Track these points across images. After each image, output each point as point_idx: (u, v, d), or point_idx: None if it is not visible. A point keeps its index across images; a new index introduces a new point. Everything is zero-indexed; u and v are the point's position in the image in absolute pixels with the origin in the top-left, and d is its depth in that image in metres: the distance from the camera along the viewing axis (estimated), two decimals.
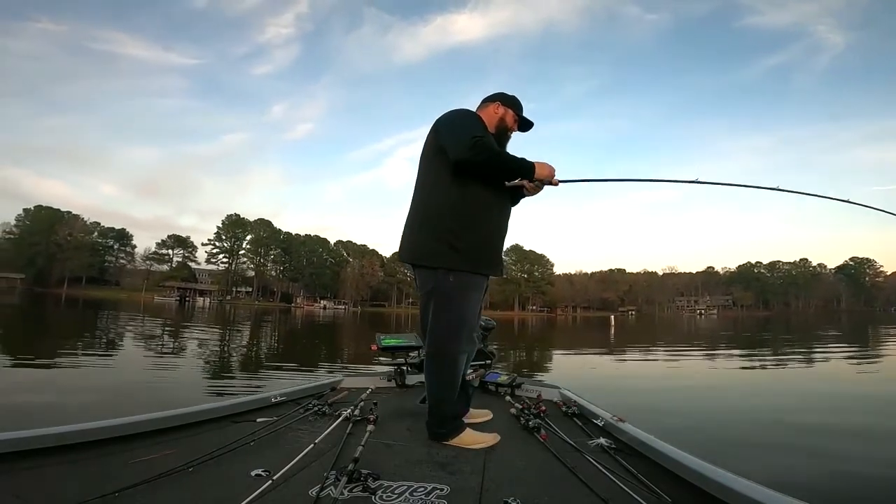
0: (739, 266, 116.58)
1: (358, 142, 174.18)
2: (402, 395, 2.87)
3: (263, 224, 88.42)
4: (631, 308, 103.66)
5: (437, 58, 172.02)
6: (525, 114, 2.20)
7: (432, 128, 2.02)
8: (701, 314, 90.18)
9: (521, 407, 2.40)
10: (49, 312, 21.90)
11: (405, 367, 3.12)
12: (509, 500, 1.32)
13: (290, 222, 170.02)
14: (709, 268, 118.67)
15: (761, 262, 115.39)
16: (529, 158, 1.99)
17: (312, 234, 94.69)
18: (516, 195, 2.16)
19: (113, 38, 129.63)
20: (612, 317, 47.79)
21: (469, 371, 2.82)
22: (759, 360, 10.53)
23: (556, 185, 2.08)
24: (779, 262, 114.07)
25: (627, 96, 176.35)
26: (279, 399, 2.49)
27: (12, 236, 75.99)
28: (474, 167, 1.87)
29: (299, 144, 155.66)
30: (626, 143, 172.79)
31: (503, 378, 2.97)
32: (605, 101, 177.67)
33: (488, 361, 3.27)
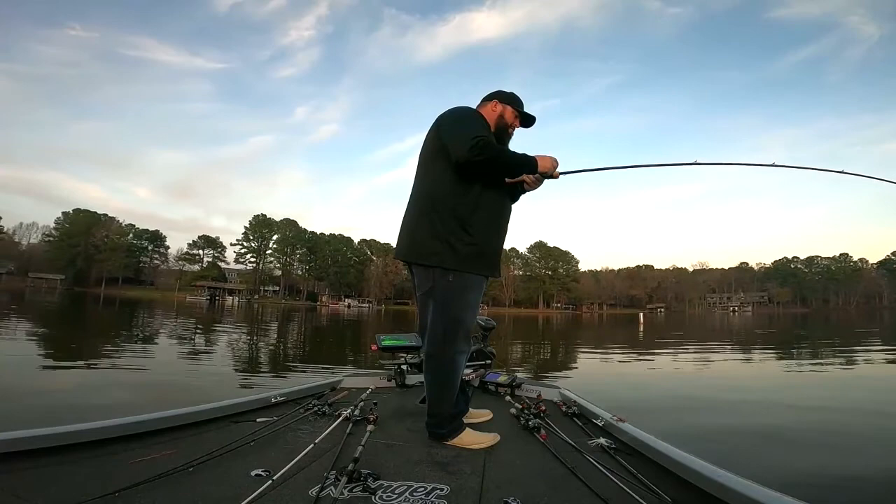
0: (775, 261, 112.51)
1: (380, 141, 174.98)
2: (402, 395, 2.87)
3: (289, 224, 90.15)
4: (660, 305, 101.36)
5: (456, 56, 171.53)
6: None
7: (434, 124, 2.00)
8: (734, 311, 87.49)
9: (521, 407, 2.38)
10: (88, 311, 22.85)
11: (405, 367, 3.12)
12: (509, 500, 1.31)
13: (315, 222, 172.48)
14: (742, 263, 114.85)
15: (798, 257, 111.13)
16: (542, 153, 1.98)
17: (337, 234, 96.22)
18: (516, 192, 2.14)
19: (142, 43, 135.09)
20: (641, 314, 46.78)
21: (469, 371, 2.80)
22: (791, 361, 10.22)
23: (556, 177, 2.06)
24: (817, 256, 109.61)
25: (652, 91, 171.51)
26: (279, 399, 2.50)
27: (52, 239, 79.76)
28: (476, 167, 1.84)
29: (323, 145, 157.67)
30: (652, 139, 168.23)
31: (503, 378, 2.95)
32: (628, 96, 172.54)
33: (488, 361, 3.27)
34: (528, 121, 2.18)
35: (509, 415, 2.35)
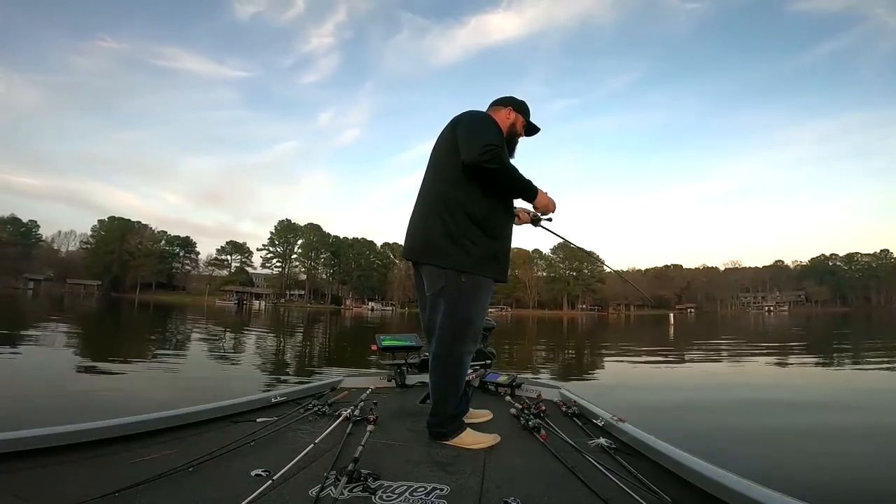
0: (812, 259, 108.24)
1: (402, 144, 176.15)
2: (402, 395, 2.86)
3: (313, 228, 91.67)
4: (689, 305, 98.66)
5: (475, 58, 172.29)
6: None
7: (450, 123, 2.01)
8: (770, 311, 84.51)
9: (521, 407, 2.37)
10: (124, 316, 23.65)
11: (405, 367, 3.12)
12: (509, 500, 1.31)
13: (339, 226, 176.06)
14: (777, 261, 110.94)
15: (837, 255, 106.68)
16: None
17: (360, 237, 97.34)
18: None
19: (171, 53, 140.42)
20: (671, 315, 45.60)
21: (469, 371, 2.73)
22: (826, 362, 9.80)
23: (538, 221, 2.19)
24: (857, 253, 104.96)
25: (673, 87, 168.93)
26: (279, 399, 2.51)
27: (89, 246, 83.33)
28: (481, 173, 1.85)
29: (346, 149, 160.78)
30: (677, 134, 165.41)
31: (503, 378, 2.95)
32: (649, 92, 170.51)
33: (488, 362, 3.26)
34: (532, 131, 2.22)
35: (509, 415, 2.33)
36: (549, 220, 2.19)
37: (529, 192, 1.98)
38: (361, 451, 1.59)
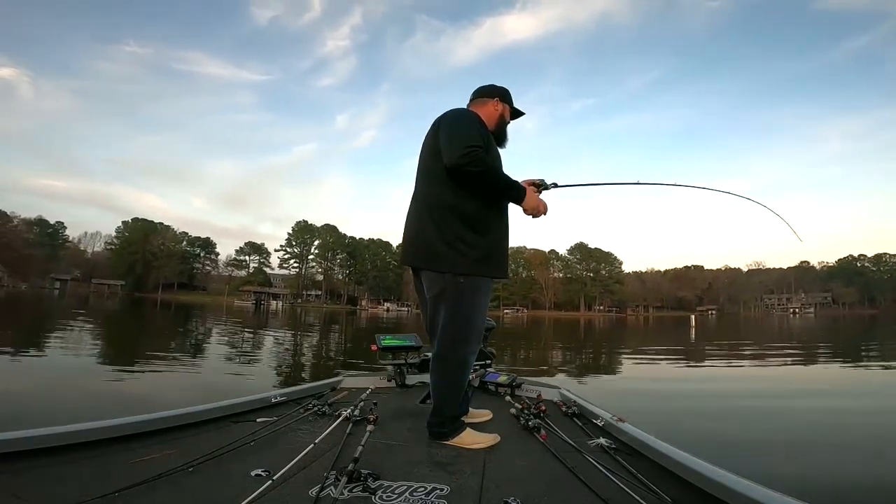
0: (839, 259, 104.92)
1: (418, 146, 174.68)
2: (402, 395, 2.86)
3: (330, 229, 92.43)
4: (711, 307, 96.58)
5: (491, 58, 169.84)
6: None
7: (433, 125, 2.00)
8: (795, 313, 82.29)
9: (520, 407, 2.36)
10: (147, 315, 24.26)
11: (405, 367, 3.13)
12: (509, 500, 1.31)
13: (356, 227, 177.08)
14: (803, 262, 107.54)
15: (865, 255, 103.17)
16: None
17: (376, 238, 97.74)
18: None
19: (192, 58, 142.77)
20: (692, 316, 44.75)
21: None
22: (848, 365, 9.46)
23: (545, 189, 2.12)
24: (886, 254, 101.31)
25: (695, 86, 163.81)
26: (279, 399, 2.51)
27: (113, 247, 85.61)
28: (463, 176, 1.82)
29: (363, 151, 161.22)
30: (697, 132, 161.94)
31: (503, 378, 2.94)
32: (671, 91, 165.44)
33: (488, 361, 3.26)
34: (517, 115, 2.23)
35: (509, 415, 2.32)
36: (555, 185, 2.12)
37: (516, 191, 1.94)
38: (361, 451, 1.58)
